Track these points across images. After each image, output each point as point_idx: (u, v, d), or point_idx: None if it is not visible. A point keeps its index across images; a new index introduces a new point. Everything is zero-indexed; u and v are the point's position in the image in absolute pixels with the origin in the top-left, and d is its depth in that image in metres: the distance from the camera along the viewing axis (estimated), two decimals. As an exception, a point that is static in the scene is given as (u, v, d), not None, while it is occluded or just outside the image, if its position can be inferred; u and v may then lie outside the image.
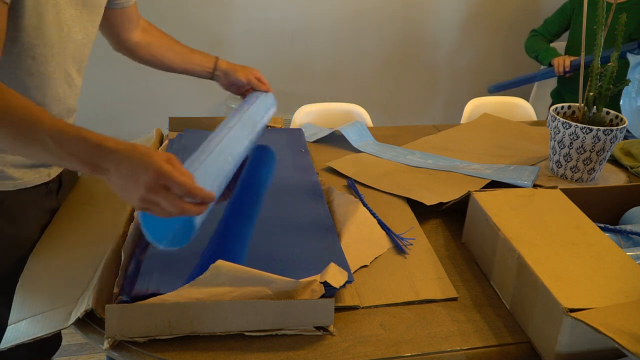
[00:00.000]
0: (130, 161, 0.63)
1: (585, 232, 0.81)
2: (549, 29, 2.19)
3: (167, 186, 0.63)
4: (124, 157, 0.63)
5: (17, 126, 0.65)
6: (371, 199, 1.04)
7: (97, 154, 0.64)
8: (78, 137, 0.64)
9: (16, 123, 0.64)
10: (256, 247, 0.85)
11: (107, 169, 0.64)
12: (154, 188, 0.62)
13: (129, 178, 0.63)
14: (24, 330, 0.70)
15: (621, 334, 0.59)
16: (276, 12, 2.61)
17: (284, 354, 0.68)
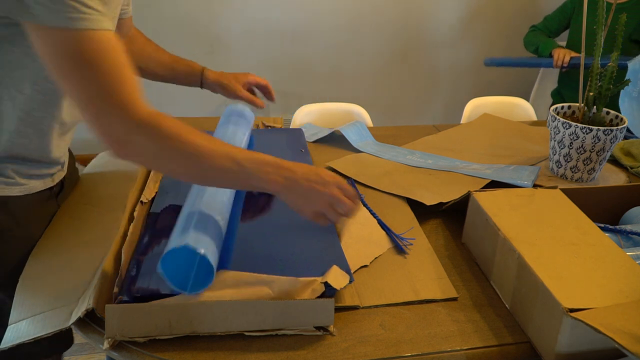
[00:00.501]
0: (309, 184, 0.75)
1: (585, 232, 0.81)
2: (549, 26, 2.19)
3: (336, 208, 0.76)
4: (304, 179, 0.75)
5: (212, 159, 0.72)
6: (371, 199, 1.04)
7: (283, 174, 0.74)
8: (266, 162, 0.74)
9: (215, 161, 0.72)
10: (256, 247, 0.85)
11: (292, 190, 0.75)
12: (327, 208, 0.76)
13: (306, 199, 0.76)
14: (25, 330, 0.70)
15: (621, 334, 0.59)
16: (276, 12, 2.61)
17: (284, 354, 0.68)
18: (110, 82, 0.67)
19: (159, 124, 0.69)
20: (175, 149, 0.70)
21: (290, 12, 2.62)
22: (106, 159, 1.16)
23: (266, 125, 1.40)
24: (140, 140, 0.69)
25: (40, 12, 0.63)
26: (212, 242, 0.72)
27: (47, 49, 0.66)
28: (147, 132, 0.68)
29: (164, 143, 0.69)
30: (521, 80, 2.97)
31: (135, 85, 0.69)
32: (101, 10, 0.67)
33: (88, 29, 0.65)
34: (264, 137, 1.28)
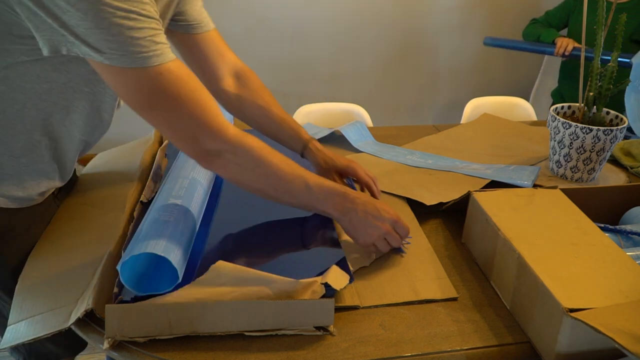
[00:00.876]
0: (366, 216, 0.81)
1: (585, 232, 0.81)
2: (550, 20, 2.19)
3: (387, 240, 0.83)
4: (362, 211, 0.81)
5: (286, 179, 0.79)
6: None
7: (345, 204, 0.81)
8: (333, 191, 0.82)
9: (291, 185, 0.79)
10: (256, 248, 0.85)
11: (350, 218, 0.81)
12: (377, 241, 0.83)
13: (361, 230, 0.82)
14: (24, 331, 0.70)
15: (621, 334, 0.59)
16: (276, 12, 2.61)
17: (284, 354, 0.68)
18: (195, 107, 0.71)
19: (246, 144, 0.76)
20: (258, 168, 0.77)
21: (290, 12, 2.62)
22: (105, 159, 1.16)
23: None
24: (230, 157, 0.75)
25: (113, 56, 0.64)
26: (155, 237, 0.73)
27: (123, 87, 0.69)
28: (237, 151, 0.75)
29: (251, 163, 0.77)
30: (521, 80, 2.97)
31: (215, 105, 0.74)
32: (166, 42, 0.69)
33: (162, 63, 0.67)
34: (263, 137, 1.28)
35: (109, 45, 0.63)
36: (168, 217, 0.78)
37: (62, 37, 0.64)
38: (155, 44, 0.66)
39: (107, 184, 1.03)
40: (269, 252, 0.84)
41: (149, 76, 0.67)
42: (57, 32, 0.64)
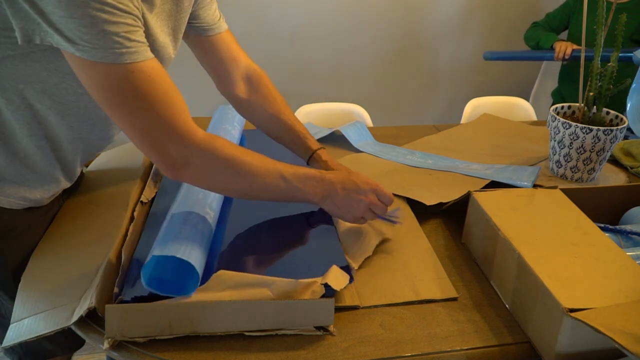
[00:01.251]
0: (346, 193, 0.83)
1: (585, 232, 0.81)
2: (550, 23, 2.19)
3: (373, 210, 0.84)
4: (341, 189, 0.83)
5: (260, 175, 0.78)
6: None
7: (324, 187, 0.82)
8: (310, 176, 0.82)
9: (266, 179, 0.78)
10: (256, 247, 0.85)
11: (332, 200, 0.83)
12: (364, 213, 0.84)
13: (345, 207, 0.83)
14: (27, 329, 0.70)
15: (621, 334, 0.59)
16: (276, 12, 2.61)
17: (284, 354, 0.68)
18: (164, 110, 0.69)
19: (214, 147, 0.74)
20: (230, 169, 0.75)
21: (290, 12, 2.62)
22: (109, 157, 1.16)
23: None
24: (198, 163, 0.73)
25: (85, 48, 0.63)
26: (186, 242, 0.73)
27: (92, 82, 0.67)
28: (205, 155, 0.73)
29: (220, 164, 0.75)
30: (521, 80, 2.97)
31: (187, 110, 0.72)
32: (142, 40, 0.68)
33: (135, 62, 0.66)
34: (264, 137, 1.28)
35: (81, 37, 0.62)
36: (203, 227, 0.78)
37: (37, 26, 0.63)
38: (129, 41, 0.65)
39: (110, 182, 1.03)
40: (268, 252, 0.84)
41: (119, 73, 0.65)
42: (33, 19, 0.63)
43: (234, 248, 0.85)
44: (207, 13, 0.94)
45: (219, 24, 0.98)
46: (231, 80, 1.00)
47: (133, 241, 0.84)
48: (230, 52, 1.00)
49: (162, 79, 0.69)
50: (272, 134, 1.04)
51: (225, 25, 0.99)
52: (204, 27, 0.95)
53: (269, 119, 1.02)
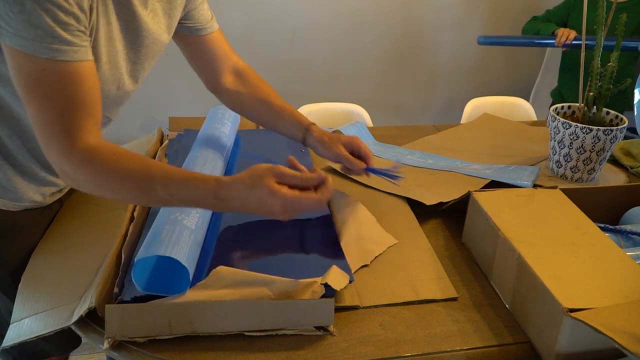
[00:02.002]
0: (249, 193, 0.73)
1: (585, 232, 0.81)
2: (550, 18, 2.18)
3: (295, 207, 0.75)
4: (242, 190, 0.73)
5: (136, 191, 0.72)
6: (371, 198, 1.04)
7: (214, 195, 0.73)
8: (188, 184, 0.72)
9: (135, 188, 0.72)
10: (256, 247, 0.85)
11: (231, 204, 0.74)
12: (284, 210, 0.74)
13: (259, 208, 0.74)
14: (27, 329, 0.70)
15: (621, 334, 0.59)
16: (276, 12, 2.61)
17: (284, 354, 0.68)
18: (59, 113, 0.68)
19: (91, 163, 0.70)
20: (102, 188, 0.72)
21: (290, 12, 2.62)
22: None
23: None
24: (73, 176, 0.71)
25: (9, 34, 0.63)
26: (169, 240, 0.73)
27: (13, 68, 0.67)
28: (79, 170, 0.70)
29: (94, 181, 0.71)
30: (521, 80, 2.97)
31: (87, 119, 0.70)
32: (73, 41, 0.66)
33: (52, 58, 0.65)
34: (264, 138, 1.28)
35: (8, 21, 0.62)
36: (190, 222, 0.78)
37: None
38: (52, 37, 0.64)
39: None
40: (269, 252, 0.84)
41: (32, 67, 0.65)
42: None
43: (233, 248, 0.85)
44: (200, 13, 0.95)
45: (212, 23, 0.98)
46: (219, 75, 1.01)
47: (133, 241, 0.84)
48: (222, 50, 1.01)
49: (72, 84, 0.68)
50: (263, 121, 1.03)
51: (216, 25, 1.00)
52: (197, 27, 0.95)
53: (258, 105, 1.02)
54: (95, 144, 0.70)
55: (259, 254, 0.83)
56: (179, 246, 0.71)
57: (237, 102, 1.03)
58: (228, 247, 0.85)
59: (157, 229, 0.75)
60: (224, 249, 0.84)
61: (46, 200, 0.91)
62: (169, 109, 2.59)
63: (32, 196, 0.87)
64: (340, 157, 0.96)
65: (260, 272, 0.73)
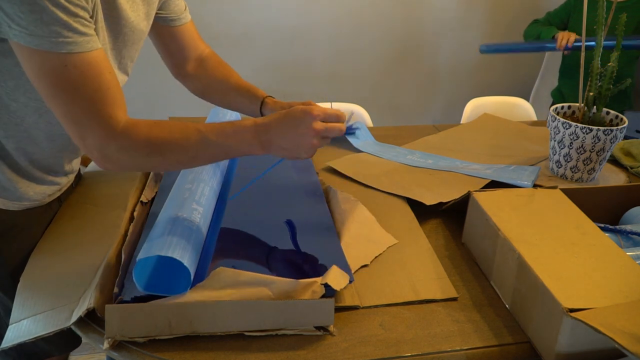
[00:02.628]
0: (286, 136, 0.76)
1: (585, 232, 0.81)
2: (551, 20, 2.18)
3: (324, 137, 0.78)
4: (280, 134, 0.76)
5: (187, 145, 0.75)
6: (371, 198, 1.04)
7: (260, 137, 0.76)
8: (242, 129, 0.76)
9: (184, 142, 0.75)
10: (256, 247, 0.85)
11: (278, 147, 0.77)
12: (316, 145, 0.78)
13: (292, 150, 0.78)
14: (26, 329, 0.70)
15: (621, 334, 0.59)
16: (276, 12, 2.61)
17: (284, 354, 0.68)
18: (90, 106, 0.69)
19: (131, 136, 0.72)
20: (153, 154, 0.74)
21: (290, 12, 2.62)
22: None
23: None
24: (118, 156, 0.73)
25: (23, 34, 0.63)
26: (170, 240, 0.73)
27: (31, 68, 0.67)
28: (123, 147, 0.72)
29: (142, 152, 0.73)
30: (521, 80, 2.97)
31: (116, 105, 0.72)
32: (85, 31, 0.67)
33: (71, 52, 0.66)
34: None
35: (19, 22, 0.63)
36: (190, 223, 0.78)
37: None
38: (69, 31, 0.65)
39: (109, 183, 1.03)
40: (269, 253, 0.84)
41: (52, 63, 0.66)
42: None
43: (233, 248, 0.85)
44: (174, 3, 0.97)
45: (185, 14, 1.00)
46: (185, 62, 1.03)
47: (133, 241, 0.84)
48: (192, 41, 1.03)
49: (95, 74, 0.69)
50: (222, 100, 1.05)
51: (189, 16, 1.02)
52: (171, 17, 0.97)
53: (217, 85, 1.04)
54: (130, 121, 0.73)
55: (259, 254, 0.83)
56: (180, 247, 0.72)
57: (199, 85, 1.05)
58: (228, 247, 0.85)
59: (159, 229, 0.75)
60: (224, 250, 0.84)
61: (46, 199, 0.91)
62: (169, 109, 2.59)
63: (32, 195, 0.87)
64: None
65: (260, 272, 0.73)
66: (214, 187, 0.91)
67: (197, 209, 0.82)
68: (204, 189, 0.87)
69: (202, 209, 0.83)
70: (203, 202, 0.85)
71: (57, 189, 0.93)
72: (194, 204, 0.82)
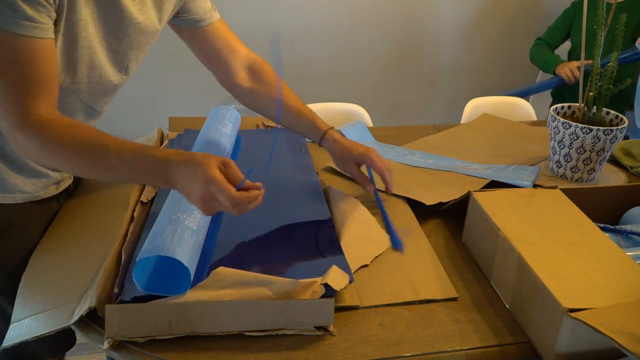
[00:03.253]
0: (187, 170, 0.69)
1: (585, 232, 0.81)
2: (553, 35, 2.19)
3: (215, 195, 0.68)
4: (184, 168, 0.69)
5: (88, 159, 0.72)
6: (371, 199, 1.04)
7: (166, 170, 0.70)
8: (146, 157, 0.70)
9: (86, 156, 0.71)
10: (256, 247, 0.85)
11: (175, 181, 0.70)
12: (204, 196, 0.69)
13: (188, 187, 0.70)
14: (27, 329, 0.70)
15: (621, 334, 0.59)
16: (276, 12, 2.61)
17: (284, 354, 0.68)
18: (9, 87, 0.69)
19: (41, 133, 0.71)
20: (58, 156, 0.72)
21: (290, 12, 2.62)
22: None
23: (266, 125, 1.40)
24: (26, 146, 0.72)
25: None
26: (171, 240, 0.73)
27: None
28: (31, 140, 0.71)
29: (46, 150, 0.72)
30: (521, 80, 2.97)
31: (39, 96, 0.71)
32: (34, 17, 0.67)
33: (10, 31, 0.66)
34: (264, 138, 1.28)
35: None
36: (190, 223, 0.77)
37: None
38: (12, 10, 0.65)
39: (110, 182, 1.03)
40: (269, 253, 0.84)
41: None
42: None
43: (233, 248, 0.85)
44: (197, 5, 0.94)
45: (211, 13, 0.97)
46: (232, 70, 1.00)
47: (133, 241, 0.84)
48: (227, 42, 0.99)
49: (28, 60, 0.68)
50: (280, 121, 1.04)
51: (217, 15, 0.99)
52: (195, 19, 0.95)
53: (275, 105, 1.01)
54: (48, 117, 0.71)
55: (259, 255, 0.83)
56: (180, 247, 0.71)
57: (252, 100, 1.03)
58: (228, 247, 0.85)
59: (159, 229, 0.75)
60: (224, 250, 0.84)
61: (39, 193, 0.90)
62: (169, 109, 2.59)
63: (22, 187, 0.86)
64: (353, 176, 1.02)
65: (260, 272, 0.73)
66: None
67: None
68: None
69: None
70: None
71: (50, 182, 0.92)
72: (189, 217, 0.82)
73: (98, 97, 0.88)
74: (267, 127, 1.40)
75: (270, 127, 1.40)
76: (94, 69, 0.81)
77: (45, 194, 0.91)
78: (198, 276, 0.74)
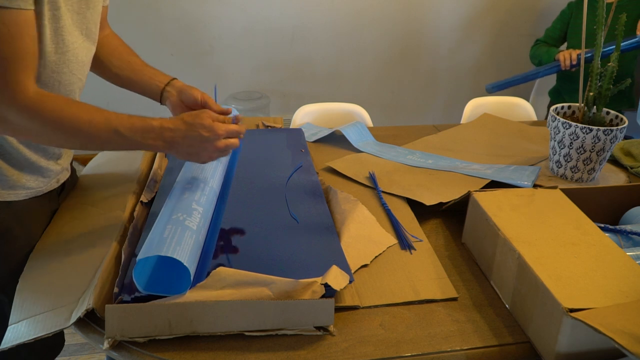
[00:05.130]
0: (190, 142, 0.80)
1: (585, 232, 0.81)
2: (551, 35, 2.20)
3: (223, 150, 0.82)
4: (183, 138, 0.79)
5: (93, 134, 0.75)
6: (371, 198, 1.04)
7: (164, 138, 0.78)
8: (148, 128, 0.77)
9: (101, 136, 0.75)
10: (256, 247, 0.85)
11: (177, 150, 0.80)
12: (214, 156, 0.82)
13: (192, 155, 0.81)
14: (25, 331, 0.70)
15: (621, 334, 0.59)
16: (276, 11, 2.61)
17: (284, 354, 0.68)
18: (1, 64, 0.68)
19: (41, 108, 0.72)
20: (58, 131, 0.74)
21: (290, 12, 2.62)
22: (106, 158, 1.16)
23: (266, 125, 1.40)
24: (18, 122, 0.72)
25: None
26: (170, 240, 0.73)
27: None
28: (27, 116, 0.71)
29: (48, 126, 0.73)
30: (521, 80, 2.97)
31: (28, 71, 0.71)
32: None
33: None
34: (263, 137, 1.28)
35: None
36: (190, 223, 0.78)
37: None
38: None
39: (108, 184, 1.03)
40: (269, 252, 0.84)
41: None
42: None
43: (233, 248, 0.85)
44: None
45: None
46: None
47: (133, 241, 0.84)
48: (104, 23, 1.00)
49: (16, 35, 0.68)
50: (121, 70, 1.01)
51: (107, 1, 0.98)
52: None
53: (119, 57, 1.00)
54: (39, 91, 0.72)
55: (259, 255, 0.83)
56: (180, 247, 0.71)
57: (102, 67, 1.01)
58: (228, 247, 0.85)
59: (159, 229, 0.75)
60: (224, 250, 0.84)
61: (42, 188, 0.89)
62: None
63: (25, 183, 0.86)
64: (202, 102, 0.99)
65: (260, 272, 0.73)
66: (214, 187, 0.91)
67: (197, 209, 0.82)
68: (204, 189, 0.87)
69: (202, 209, 0.83)
70: (203, 202, 0.85)
71: (52, 175, 0.92)
72: (194, 204, 0.82)
73: (86, 67, 0.88)
74: (267, 127, 1.40)
75: (270, 127, 1.40)
76: (72, 34, 0.81)
77: (47, 188, 0.91)
78: (198, 276, 0.74)
